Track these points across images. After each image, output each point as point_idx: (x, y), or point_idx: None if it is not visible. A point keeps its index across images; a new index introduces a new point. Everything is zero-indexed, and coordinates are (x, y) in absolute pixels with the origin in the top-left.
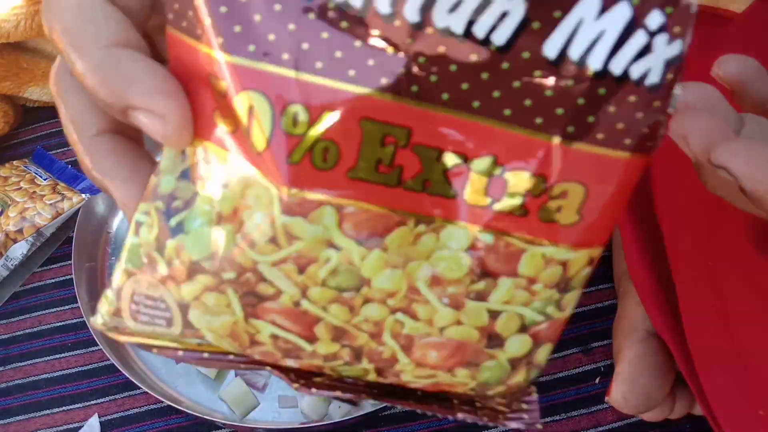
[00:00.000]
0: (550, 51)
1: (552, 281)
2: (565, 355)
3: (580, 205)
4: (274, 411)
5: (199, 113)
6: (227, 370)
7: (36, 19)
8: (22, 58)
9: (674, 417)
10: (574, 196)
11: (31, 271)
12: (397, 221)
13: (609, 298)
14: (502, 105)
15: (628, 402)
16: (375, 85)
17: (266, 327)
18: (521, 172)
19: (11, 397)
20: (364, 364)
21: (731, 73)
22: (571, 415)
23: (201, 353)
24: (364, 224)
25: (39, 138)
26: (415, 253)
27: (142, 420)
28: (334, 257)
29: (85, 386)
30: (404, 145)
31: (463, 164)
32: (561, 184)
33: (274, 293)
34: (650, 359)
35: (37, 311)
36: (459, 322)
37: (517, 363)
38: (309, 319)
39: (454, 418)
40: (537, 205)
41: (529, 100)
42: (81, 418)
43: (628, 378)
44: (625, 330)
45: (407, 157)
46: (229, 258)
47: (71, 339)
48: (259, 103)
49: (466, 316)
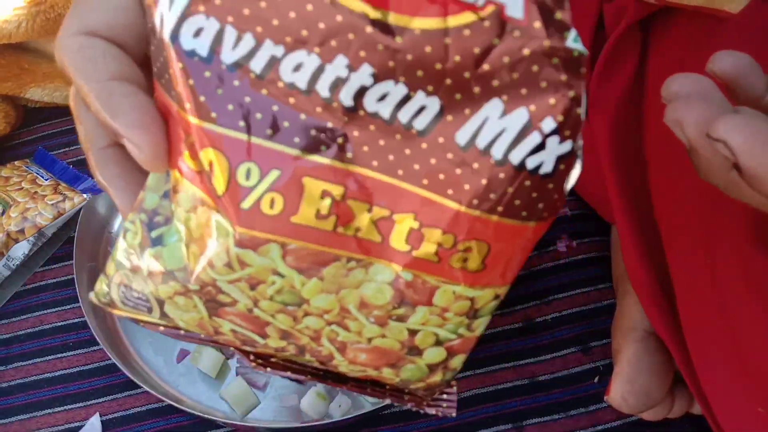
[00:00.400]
0: (461, 139)
1: (462, 311)
2: (565, 355)
3: (484, 257)
4: (275, 410)
5: (175, 148)
6: (228, 370)
7: (37, 20)
8: (24, 58)
9: (673, 416)
10: (479, 251)
11: (33, 271)
12: (333, 257)
13: (608, 297)
14: (421, 175)
15: (627, 401)
16: (316, 151)
17: (226, 324)
18: (435, 229)
19: (12, 396)
20: (308, 357)
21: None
22: (570, 415)
23: (178, 330)
24: (304, 259)
25: (40, 138)
26: (346, 282)
27: (143, 419)
28: (279, 281)
29: (87, 386)
30: (340, 199)
31: (389, 217)
32: (467, 242)
33: (231, 302)
34: (649, 358)
35: (38, 311)
36: (383, 335)
37: (435, 367)
38: (261, 322)
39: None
40: (448, 254)
41: (443, 175)
42: (82, 418)
43: (627, 377)
44: (624, 329)
45: (342, 208)
46: (195, 274)
47: (72, 338)
48: (219, 159)
49: (389, 331)
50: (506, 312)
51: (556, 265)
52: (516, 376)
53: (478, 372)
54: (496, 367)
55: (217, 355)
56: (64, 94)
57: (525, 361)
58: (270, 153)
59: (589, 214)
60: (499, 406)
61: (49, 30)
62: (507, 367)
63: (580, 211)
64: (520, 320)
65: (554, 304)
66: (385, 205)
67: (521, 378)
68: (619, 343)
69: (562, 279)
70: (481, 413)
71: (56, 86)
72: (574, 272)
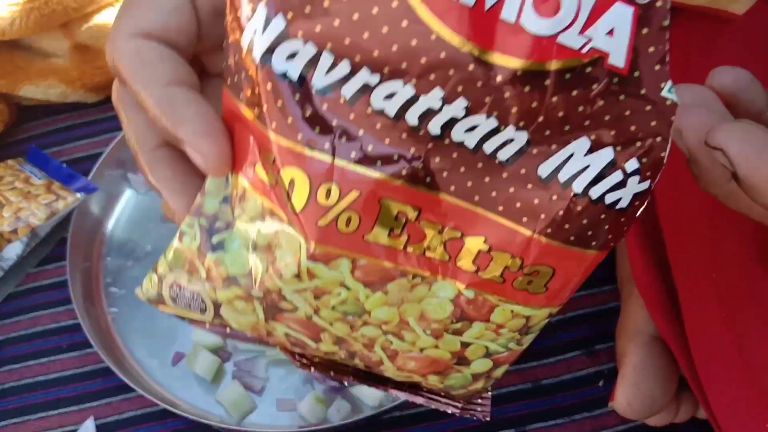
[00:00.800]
0: (544, 172)
1: (516, 327)
2: (569, 358)
3: (547, 281)
4: (272, 414)
5: (241, 156)
6: (224, 374)
7: (31, 17)
8: (18, 56)
9: (679, 421)
10: (543, 275)
11: (26, 272)
12: (400, 273)
13: (612, 300)
14: (498, 202)
15: (632, 406)
16: (397, 174)
17: (281, 328)
18: (504, 253)
19: (5, 399)
20: (356, 362)
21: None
22: (575, 419)
23: (225, 329)
24: (372, 274)
25: (34, 137)
26: (410, 297)
27: (138, 423)
28: (344, 293)
29: (81, 389)
30: (414, 220)
31: (460, 239)
32: (534, 266)
33: (292, 308)
34: (654, 363)
35: (31, 312)
36: (437, 346)
37: (478, 377)
38: (317, 329)
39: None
40: (513, 277)
41: (519, 203)
42: (76, 421)
43: (633, 382)
44: (629, 333)
45: (415, 229)
46: (260, 281)
47: (66, 341)
48: (300, 178)
49: (443, 343)
50: None
51: None
52: (519, 379)
53: None
54: None
55: (213, 358)
56: (58, 92)
57: (528, 364)
58: (352, 175)
59: None
60: (502, 411)
61: (43, 27)
62: (509, 371)
63: None
64: None
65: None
66: (457, 227)
67: (524, 382)
68: (623, 346)
69: None
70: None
71: (50, 84)
72: None
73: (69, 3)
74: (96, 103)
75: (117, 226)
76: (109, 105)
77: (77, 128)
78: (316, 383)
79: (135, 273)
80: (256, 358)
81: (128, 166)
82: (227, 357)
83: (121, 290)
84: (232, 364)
